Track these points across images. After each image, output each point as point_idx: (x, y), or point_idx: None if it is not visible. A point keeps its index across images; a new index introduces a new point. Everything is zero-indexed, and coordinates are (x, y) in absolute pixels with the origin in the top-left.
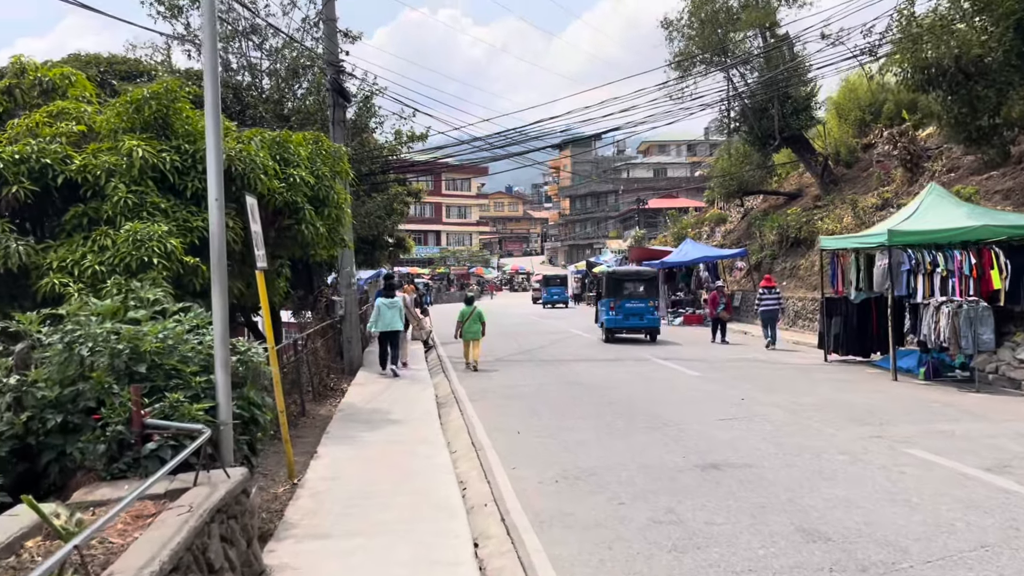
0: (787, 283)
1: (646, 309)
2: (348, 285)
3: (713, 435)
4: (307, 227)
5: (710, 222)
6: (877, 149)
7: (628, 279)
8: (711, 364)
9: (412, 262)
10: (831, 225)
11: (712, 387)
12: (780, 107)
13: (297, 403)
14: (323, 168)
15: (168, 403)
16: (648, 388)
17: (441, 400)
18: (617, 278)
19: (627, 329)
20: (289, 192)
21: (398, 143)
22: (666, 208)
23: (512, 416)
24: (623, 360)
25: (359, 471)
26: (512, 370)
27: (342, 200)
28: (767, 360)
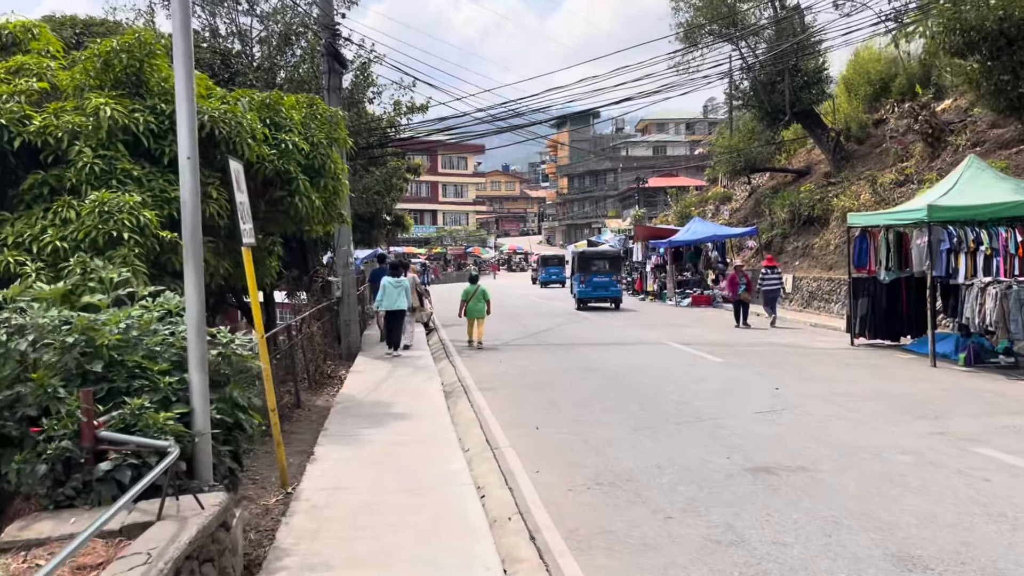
0: (800, 263)
1: (610, 282)
2: (345, 264)
3: (754, 431)
4: (301, 199)
5: (714, 200)
6: (889, 125)
7: (595, 258)
8: (733, 349)
9: (408, 241)
10: (848, 202)
11: (740, 374)
12: (791, 80)
13: (292, 393)
14: (318, 134)
15: (129, 410)
16: (671, 376)
17: (448, 389)
18: (586, 257)
19: (595, 299)
20: (281, 160)
21: (397, 114)
22: (666, 187)
23: (527, 408)
24: (637, 344)
25: (363, 478)
26: (520, 355)
27: (339, 170)
28: (791, 344)
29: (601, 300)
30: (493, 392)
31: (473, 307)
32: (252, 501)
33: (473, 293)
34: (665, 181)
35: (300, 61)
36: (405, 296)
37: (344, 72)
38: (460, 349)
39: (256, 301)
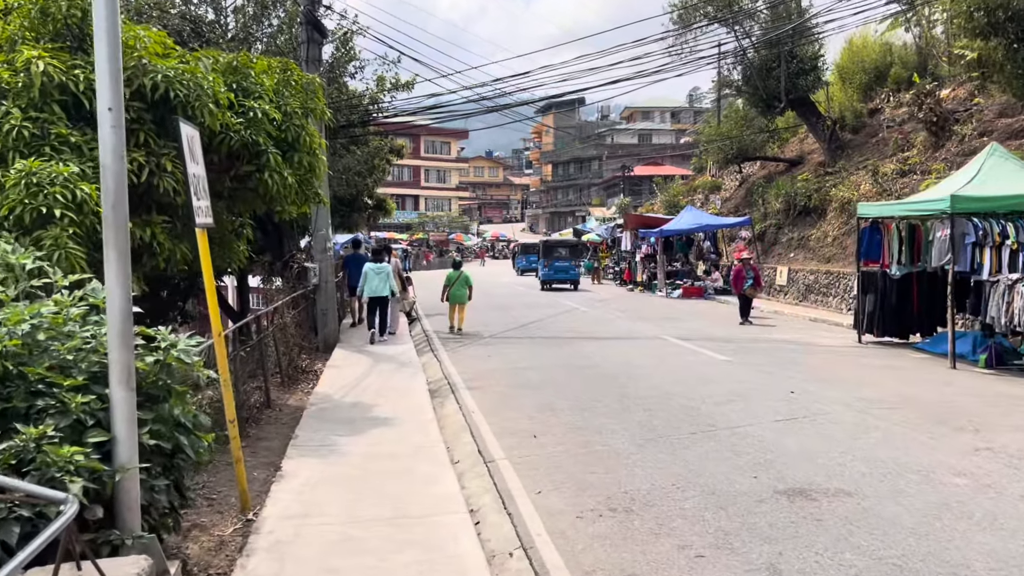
0: (795, 255)
1: (569, 267)
2: (323, 249)
3: (778, 443)
4: (271, 175)
5: (703, 189)
6: (885, 114)
7: (557, 246)
8: (738, 346)
9: (390, 227)
10: (847, 192)
11: (748, 375)
12: (786, 67)
13: (261, 391)
14: (292, 103)
15: (22, 442)
16: (677, 376)
17: (433, 387)
18: (549, 245)
19: (556, 280)
20: (248, 130)
21: (380, 91)
22: (652, 176)
23: (522, 411)
24: (634, 339)
25: (336, 502)
26: (511, 349)
27: (316, 144)
28: (795, 341)
29: (561, 282)
30: (483, 392)
31: (455, 292)
32: (205, 531)
33: (456, 279)
34: (650, 170)
35: (278, 32)
36: (387, 281)
37: (324, 42)
38: (445, 341)
39: (212, 292)
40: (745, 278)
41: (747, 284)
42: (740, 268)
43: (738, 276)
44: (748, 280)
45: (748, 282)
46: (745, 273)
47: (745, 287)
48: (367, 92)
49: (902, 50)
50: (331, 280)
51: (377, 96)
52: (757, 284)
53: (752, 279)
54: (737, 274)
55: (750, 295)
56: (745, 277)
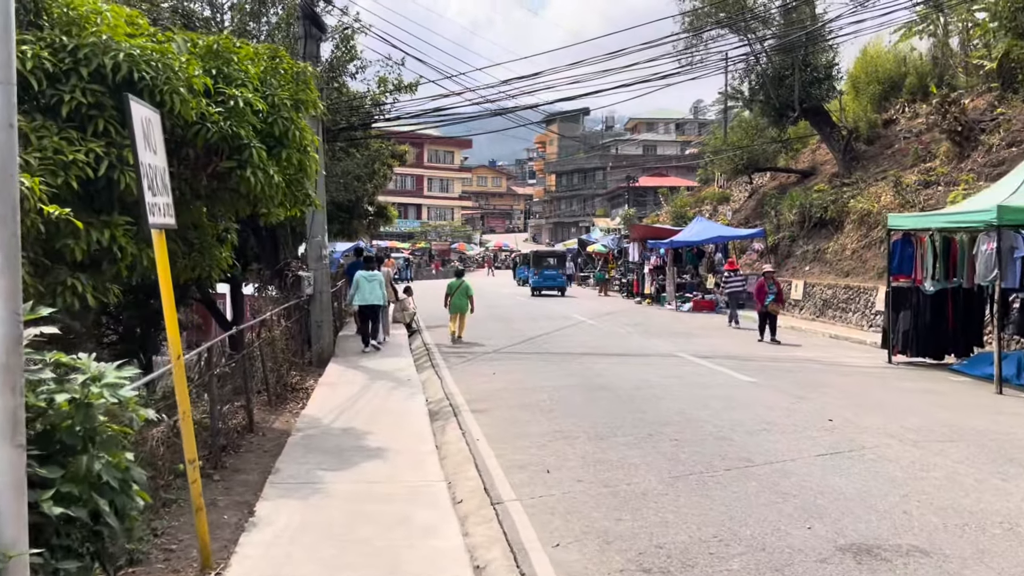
0: (811, 268)
1: (556, 275)
2: (319, 257)
3: (827, 483)
4: (255, 173)
5: (711, 200)
6: (900, 125)
7: (546, 256)
8: (759, 365)
9: (392, 235)
10: (866, 204)
11: (778, 399)
12: (800, 75)
13: (244, 413)
14: (281, 93)
15: None
16: (699, 398)
17: (434, 408)
18: (539, 255)
19: (544, 287)
20: (228, 121)
21: (383, 92)
22: (656, 187)
23: (532, 438)
24: (648, 356)
25: (316, 559)
26: (517, 365)
27: (307, 141)
28: (821, 361)
29: (549, 288)
30: (488, 415)
31: (456, 301)
32: None
33: (457, 288)
34: (655, 181)
35: (275, 29)
36: (380, 290)
37: (322, 38)
38: (447, 355)
39: (170, 307)
40: (767, 292)
41: (769, 299)
42: (762, 282)
43: (759, 291)
44: (770, 295)
45: (770, 297)
46: (767, 287)
47: (767, 302)
48: (368, 94)
49: (917, 60)
50: (326, 290)
51: (379, 98)
52: (780, 299)
53: (775, 294)
54: (759, 289)
55: (772, 311)
56: (767, 291)
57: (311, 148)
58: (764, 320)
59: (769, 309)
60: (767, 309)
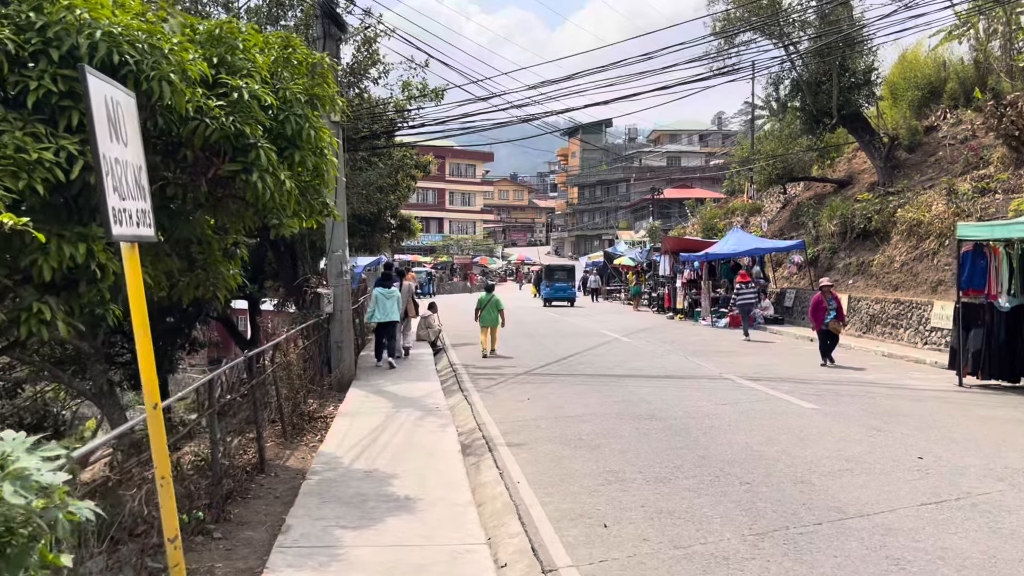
0: (855, 282)
1: (567, 287)
2: (339, 273)
3: (946, 545)
4: (263, 178)
5: (742, 212)
6: (942, 131)
7: (557, 269)
8: (818, 389)
9: (414, 249)
10: (915, 214)
11: (852, 430)
12: (838, 80)
13: (254, 451)
14: (294, 87)
15: None
16: (762, 430)
17: (465, 441)
18: (551, 268)
19: (556, 299)
20: (231, 117)
21: (408, 98)
22: (682, 198)
23: (581, 481)
24: (693, 379)
25: None
26: (552, 389)
27: (324, 142)
28: (885, 384)
29: (560, 300)
30: (528, 451)
31: (487, 315)
32: None
33: (487, 302)
34: (680, 192)
35: (294, 31)
36: (397, 306)
37: (342, 39)
38: (475, 377)
39: (145, 341)
40: (826, 309)
41: (829, 317)
42: (819, 298)
43: (817, 307)
44: (830, 312)
45: (830, 314)
46: (826, 303)
47: (827, 320)
48: (391, 100)
49: (958, 65)
50: (347, 308)
51: (402, 104)
52: (840, 317)
53: (835, 311)
54: (816, 305)
55: (834, 330)
56: (826, 308)
57: (328, 151)
58: (826, 341)
59: (830, 328)
60: (827, 328)
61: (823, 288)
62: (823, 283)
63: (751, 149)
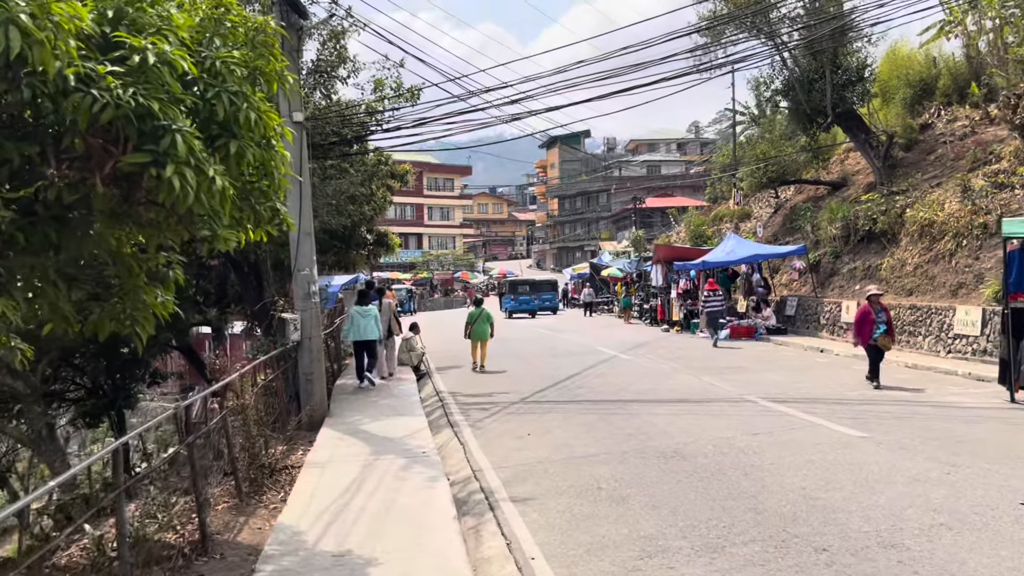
0: (860, 287)
1: (529, 300)
2: (306, 295)
3: None
4: (181, 174)
5: (730, 218)
6: (937, 129)
7: (521, 284)
8: (857, 411)
9: (393, 266)
10: (927, 213)
11: (921, 466)
12: (831, 77)
13: (193, 525)
14: (229, 58)
15: None
16: (818, 472)
17: (460, 495)
18: (514, 283)
19: (519, 311)
20: (131, 89)
21: (380, 99)
22: (664, 207)
23: (614, 555)
24: (713, 402)
25: None
26: (553, 421)
27: (271, 129)
28: (926, 402)
29: (523, 313)
30: (536, 507)
31: (477, 329)
32: None
33: (478, 316)
34: (662, 201)
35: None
36: (375, 324)
37: (304, 28)
38: (465, 408)
39: None
40: (875, 322)
41: (878, 331)
42: (866, 309)
43: (863, 321)
44: (879, 326)
45: (880, 328)
46: (874, 315)
47: (875, 335)
48: (363, 102)
49: (950, 60)
50: (317, 335)
51: (375, 106)
52: (891, 331)
53: (885, 324)
54: (862, 318)
55: (883, 346)
56: (875, 321)
57: (278, 142)
58: (875, 357)
59: (879, 344)
60: (876, 344)
61: (871, 297)
62: (871, 292)
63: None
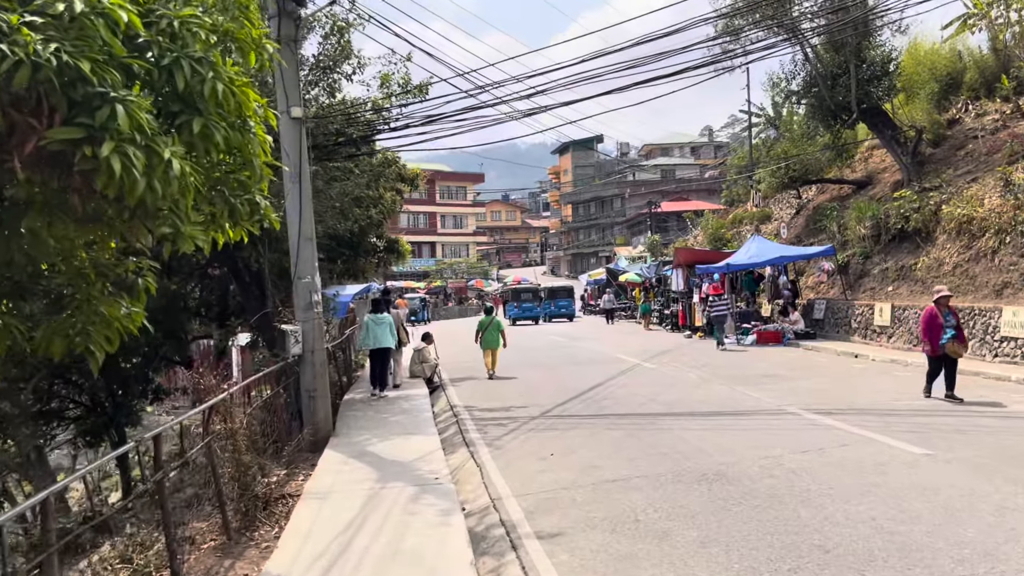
0: (894, 288)
1: (532, 307)
2: (308, 305)
3: None
4: (124, 153)
5: (750, 220)
6: (966, 124)
7: (523, 291)
8: (912, 424)
9: (407, 275)
10: (965, 209)
11: (1007, 492)
12: (855, 71)
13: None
14: (191, 19)
15: None
16: (888, 500)
17: (478, 529)
18: (516, 291)
19: (522, 318)
20: (55, 46)
21: (387, 96)
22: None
23: None
24: (751, 415)
25: None
26: (578, 438)
27: (248, 108)
28: (990, 413)
29: (526, 320)
30: (566, 545)
31: (488, 337)
32: None
33: (488, 324)
34: (677, 205)
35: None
36: (389, 333)
37: (301, 19)
38: (482, 423)
39: None
40: (943, 327)
41: (947, 336)
42: (932, 312)
43: (931, 324)
44: (947, 331)
45: (948, 333)
46: (943, 318)
47: (944, 341)
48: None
49: (976, 54)
50: (320, 348)
51: (381, 103)
52: (961, 337)
53: (954, 328)
54: (929, 321)
55: (953, 353)
56: (943, 325)
57: (258, 124)
58: (941, 368)
59: (948, 351)
60: (945, 351)
61: (940, 300)
62: (940, 293)
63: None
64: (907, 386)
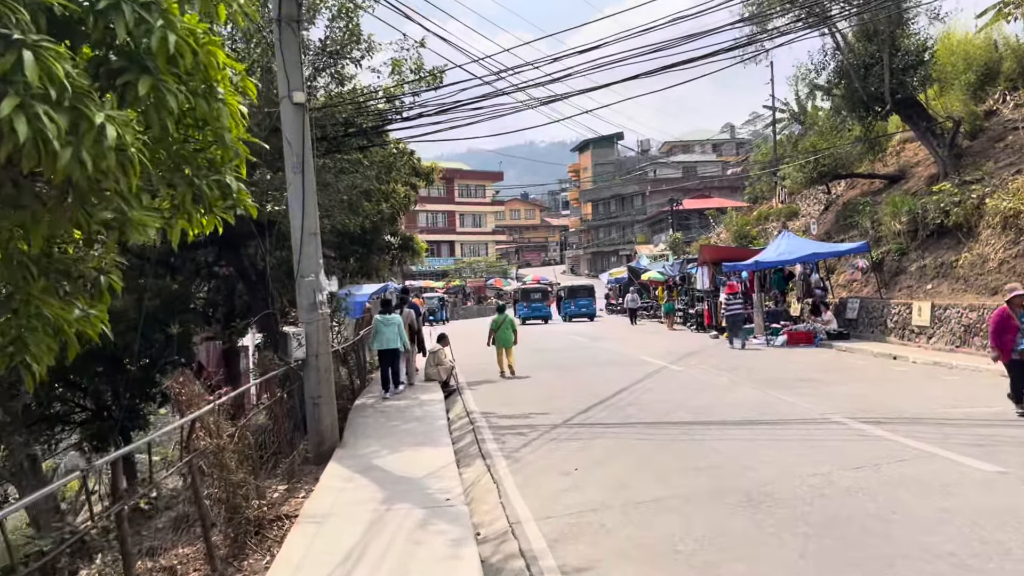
0: (934, 286)
1: (542, 307)
2: (312, 306)
3: None
4: (34, 113)
5: (776, 216)
6: (1005, 115)
7: (533, 291)
8: (969, 435)
9: (426, 274)
10: (1012, 203)
11: None
12: (889, 60)
13: None
14: None
15: None
16: (958, 525)
17: (495, 561)
18: (525, 290)
19: (532, 318)
20: None
21: (399, 83)
22: (702, 209)
23: None
24: (791, 424)
25: None
26: (605, 449)
27: (214, 70)
28: None
29: (536, 319)
30: None
31: (501, 336)
32: None
33: (501, 323)
34: (699, 203)
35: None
36: (398, 333)
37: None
38: (500, 432)
39: None
40: (1019, 329)
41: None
42: (1004, 313)
43: (1003, 325)
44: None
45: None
46: (1018, 321)
47: (1019, 346)
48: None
49: (1013, 42)
50: (325, 352)
51: (393, 91)
52: None
53: None
54: (1001, 323)
55: None
56: (1019, 328)
57: (229, 92)
58: (1020, 375)
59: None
60: (1021, 356)
61: (1013, 299)
62: (1015, 292)
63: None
64: (959, 392)
